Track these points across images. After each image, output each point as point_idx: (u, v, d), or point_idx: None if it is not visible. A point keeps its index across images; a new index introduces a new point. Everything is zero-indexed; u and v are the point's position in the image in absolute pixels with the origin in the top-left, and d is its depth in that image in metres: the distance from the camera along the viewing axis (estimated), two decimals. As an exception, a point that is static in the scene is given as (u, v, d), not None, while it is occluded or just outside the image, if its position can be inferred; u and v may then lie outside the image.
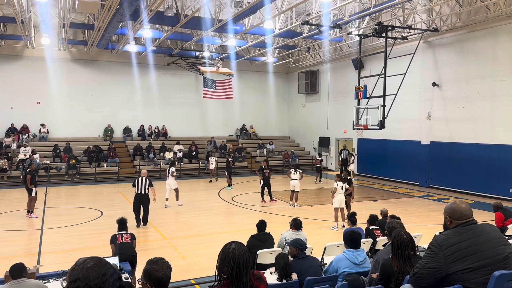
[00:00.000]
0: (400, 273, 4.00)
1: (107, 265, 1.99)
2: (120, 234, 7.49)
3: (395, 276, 4.06)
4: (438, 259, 3.23)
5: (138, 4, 14.56)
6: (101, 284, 1.92)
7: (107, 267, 1.98)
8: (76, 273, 1.93)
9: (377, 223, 8.71)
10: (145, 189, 12.27)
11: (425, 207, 15.60)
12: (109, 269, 1.98)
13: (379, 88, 18.24)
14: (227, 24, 16.99)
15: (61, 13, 17.98)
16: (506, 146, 16.53)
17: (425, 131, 20.25)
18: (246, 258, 2.93)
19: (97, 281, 1.91)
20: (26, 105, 24.07)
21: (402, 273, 3.98)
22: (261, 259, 6.87)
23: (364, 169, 24.26)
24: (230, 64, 26.93)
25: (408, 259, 4.06)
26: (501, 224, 9.00)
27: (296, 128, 31.28)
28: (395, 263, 4.11)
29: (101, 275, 1.93)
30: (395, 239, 4.19)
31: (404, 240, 4.14)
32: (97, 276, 1.92)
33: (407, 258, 4.07)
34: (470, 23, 17.63)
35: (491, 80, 17.03)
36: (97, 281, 1.91)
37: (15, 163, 21.81)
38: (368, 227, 8.56)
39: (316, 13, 16.86)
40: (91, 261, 1.97)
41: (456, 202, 3.49)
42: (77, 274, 1.92)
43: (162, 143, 26.05)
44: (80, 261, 1.99)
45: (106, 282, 1.93)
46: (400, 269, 4.03)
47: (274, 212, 14.59)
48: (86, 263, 1.96)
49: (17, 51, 23.92)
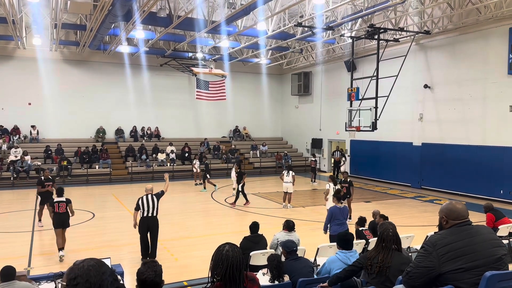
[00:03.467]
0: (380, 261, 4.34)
1: (105, 265, 2.04)
2: None
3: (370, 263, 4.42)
4: (431, 259, 3.25)
5: (130, 4, 14.50)
6: (101, 282, 1.95)
7: (105, 267, 2.03)
8: (76, 271, 1.95)
9: (370, 224, 8.76)
10: (154, 209, 9.27)
11: (417, 208, 15.69)
12: (107, 269, 2.02)
13: (372, 90, 18.32)
14: (220, 25, 16.99)
15: (53, 14, 17.88)
16: (497, 148, 16.68)
17: (417, 132, 20.38)
18: (240, 260, 2.93)
19: (97, 279, 1.94)
20: (17, 106, 23.85)
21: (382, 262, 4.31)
22: (254, 260, 6.87)
23: (357, 171, 24.34)
24: (223, 65, 26.90)
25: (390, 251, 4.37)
26: (492, 225, 9.06)
27: (289, 130, 31.33)
28: (372, 252, 4.49)
29: (100, 274, 1.97)
30: (381, 233, 4.53)
31: (389, 234, 4.45)
32: (97, 274, 1.96)
33: (388, 250, 4.38)
34: (461, 26, 17.79)
35: (482, 82, 17.18)
36: (97, 278, 1.95)
37: (6, 164, 21.59)
38: (358, 229, 8.60)
39: (309, 15, 16.92)
40: (90, 261, 2.01)
41: (453, 203, 3.52)
42: (77, 272, 1.95)
43: (154, 144, 25.95)
44: (79, 261, 2.02)
45: (105, 281, 1.97)
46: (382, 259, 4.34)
47: (267, 213, 14.59)
48: (85, 262, 2.00)
49: (8, 52, 23.71)
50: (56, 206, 9.50)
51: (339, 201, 9.01)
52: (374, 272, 4.33)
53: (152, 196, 9.30)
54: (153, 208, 9.21)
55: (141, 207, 9.20)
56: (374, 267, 4.34)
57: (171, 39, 22.51)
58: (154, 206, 9.21)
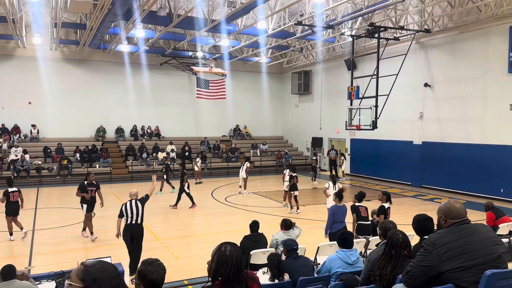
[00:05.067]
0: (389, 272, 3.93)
1: (114, 266, 2.09)
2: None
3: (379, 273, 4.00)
4: (431, 258, 3.25)
5: (130, 3, 14.48)
6: (120, 281, 2.01)
7: (114, 267, 2.07)
8: (94, 272, 1.97)
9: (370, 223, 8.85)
10: (138, 216, 8.44)
11: (417, 207, 15.68)
12: (116, 269, 2.07)
13: (372, 88, 18.32)
14: (220, 24, 16.96)
15: (53, 13, 17.88)
16: (497, 146, 16.67)
17: (417, 131, 20.37)
18: (242, 259, 2.97)
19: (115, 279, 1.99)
20: (17, 105, 23.86)
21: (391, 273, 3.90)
22: (254, 259, 6.87)
23: (357, 169, 24.35)
24: (223, 64, 26.90)
25: (400, 259, 3.98)
26: (492, 224, 9.07)
27: (289, 129, 31.32)
28: (382, 262, 4.05)
29: (117, 275, 2.03)
30: (390, 239, 4.09)
31: (399, 240, 4.05)
32: (113, 274, 2.01)
33: (398, 259, 3.98)
34: (461, 24, 17.77)
35: (483, 80, 17.17)
36: (116, 280, 2.00)
37: (6, 163, 21.60)
38: (355, 204, 8.97)
39: (309, 13, 16.90)
40: (101, 261, 2.06)
41: (451, 202, 3.52)
42: (95, 273, 1.96)
43: (155, 143, 25.95)
44: (91, 262, 2.04)
45: (122, 280, 2.03)
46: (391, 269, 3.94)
47: (267, 212, 14.59)
48: (98, 263, 2.02)
49: (8, 51, 23.70)
50: (11, 196, 10.76)
51: (340, 200, 9.06)
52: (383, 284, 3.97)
53: (136, 202, 8.50)
54: (137, 215, 8.39)
55: (125, 213, 8.39)
56: (384, 279, 3.95)
57: (171, 38, 22.49)
58: (138, 212, 8.41)
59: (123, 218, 8.46)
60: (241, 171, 18.38)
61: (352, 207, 8.99)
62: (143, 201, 8.62)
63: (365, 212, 8.94)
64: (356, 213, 8.87)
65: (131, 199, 8.56)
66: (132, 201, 8.51)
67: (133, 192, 8.71)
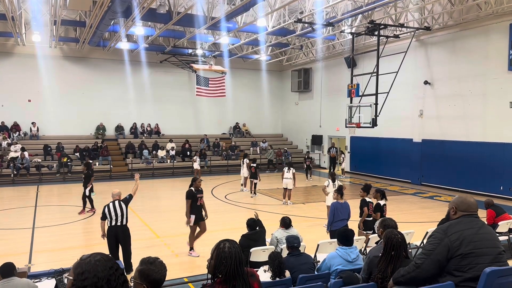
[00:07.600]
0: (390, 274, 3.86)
1: (112, 260, 2.04)
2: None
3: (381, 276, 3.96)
4: (444, 244, 3.31)
5: (130, 1, 14.47)
6: (109, 276, 1.95)
7: (113, 262, 2.03)
8: (83, 266, 1.95)
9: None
10: (123, 217, 8.18)
11: (417, 205, 15.70)
12: (114, 263, 2.03)
13: (372, 86, 18.31)
14: (220, 21, 16.93)
15: (52, 10, 17.84)
16: (497, 144, 16.66)
17: (417, 129, 20.36)
18: (241, 255, 2.98)
19: (105, 273, 1.95)
20: (17, 102, 23.84)
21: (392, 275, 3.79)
22: (254, 257, 6.85)
23: (357, 167, 24.36)
24: (223, 62, 26.88)
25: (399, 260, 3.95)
26: (492, 221, 9.08)
27: (289, 126, 31.31)
28: (382, 264, 4.00)
29: (108, 268, 1.97)
30: (390, 240, 4.05)
31: (399, 241, 4.03)
32: (105, 268, 1.96)
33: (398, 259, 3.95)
34: (461, 22, 17.74)
35: (483, 78, 17.15)
36: (105, 273, 1.95)
37: (6, 161, 21.60)
38: (364, 198, 9.13)
39: (309, 11, 16.88)
40: (97, 255, 2.01)
41: (464, 196, 3.68)
42: (84, 267, 1.95)
43: (155, 141, 25.93)
44: (85, 256, 2.02)
45: (113, 275, 1.97)
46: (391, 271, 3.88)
47: (267, 210, 14.59)
48: (92, 256, 2.00)
49: (7, 48, 23.67)
50: None
51: (341, 196, 9.10)
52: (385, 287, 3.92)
53: (120, 203, 8.27)
54: (122, 216, 8.14)
55: (108, 215, 8.10)
56: (385, 281, 3.88)
57: (171, 35, 22.46)
58: (122, 213, 8.17)
59: (106, 221, 8.18)
60: (242, 169, 18.36)
61: (363, 201, 9.12)
62: (126, 202, 8.43)
63: (371, 208, 9.01)
64: (368, 208, 8.98)
65: (114, 199, 8.34)
66: (115, 202, 8.29)
67: (115, 192, 8.46)
